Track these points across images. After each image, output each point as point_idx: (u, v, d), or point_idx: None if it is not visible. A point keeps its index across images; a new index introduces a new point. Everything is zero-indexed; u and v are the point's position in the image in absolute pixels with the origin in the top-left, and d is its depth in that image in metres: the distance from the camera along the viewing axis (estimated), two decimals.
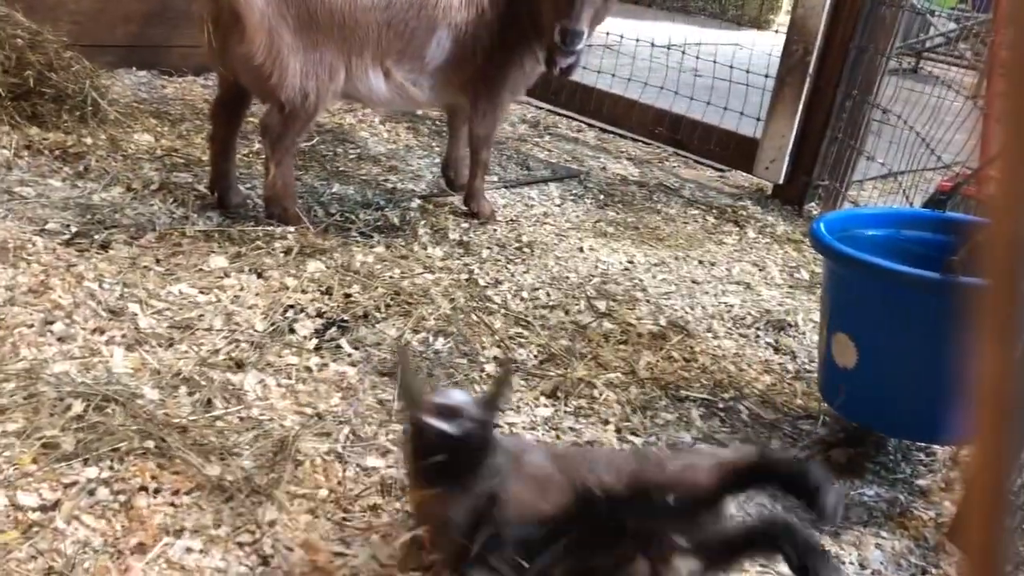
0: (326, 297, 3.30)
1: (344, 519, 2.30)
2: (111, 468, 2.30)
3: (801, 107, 5.09)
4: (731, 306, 3.78)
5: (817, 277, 4.11)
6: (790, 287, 4.07)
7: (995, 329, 0.52)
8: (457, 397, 2.11)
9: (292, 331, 3.06)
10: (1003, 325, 0.50)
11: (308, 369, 2.88)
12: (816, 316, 3.64)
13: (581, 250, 4.14)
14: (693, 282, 3.98)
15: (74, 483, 2.23)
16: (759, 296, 3.92)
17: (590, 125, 6.31)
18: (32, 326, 2.83)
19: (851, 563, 2.39)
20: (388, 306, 3.30)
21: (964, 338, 0.55)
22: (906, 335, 2.55)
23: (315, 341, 3.03)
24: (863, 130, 4.98)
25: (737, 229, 4.73)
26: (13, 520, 2.10)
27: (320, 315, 3.18)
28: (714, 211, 4.94)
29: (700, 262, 4.21)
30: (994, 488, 0.48)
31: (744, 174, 5.55)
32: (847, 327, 2.68)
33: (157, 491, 2.26)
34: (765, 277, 4.15)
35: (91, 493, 2.21)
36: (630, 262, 4.09)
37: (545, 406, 2.89)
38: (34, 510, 2.14)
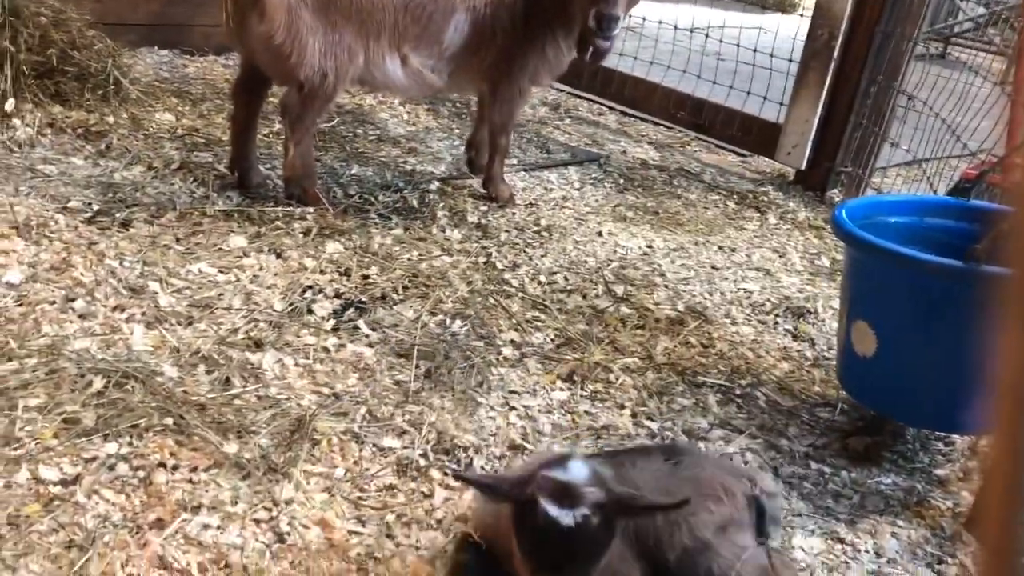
0: (344, 278, 3.31)
1: (360, 498, 2.31)
2: (130, 444, 2.32)
3: (825, 92, 5.03)
4: (750, 292, 3.76)
5: (838, 264, 4.07)
6: (810, 274, 4.04)
7: (1018, 318, 0.51)
8: (577, 471, 1.81)
9: (310, 311, 3.08)
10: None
11: (326, 349, 2.89)
12: (836, 303, 3.61)
13: (600, 234, 4.13)
14: (712, 268, 3.96)
15: (94, 458, 2.26)
16: (779, 283, 3.90)
17: (611, 108, 6.27)
18: (54, 303, 2.86)
19: (867, 551, 2.38)
20: (406, 288, 3.31)
21: (986, 327, 0.54)
22: (927, 324, 2.52)
23: (333, 322, 3.04)
24: (888, 116, 4.92)
25: (758, 215, 4.69)
26: (35, 493, 2.13)
27: (338, 296, 3.19)
28: (735, 196, 4.90)
29: (720, 248, 4.18)
30: (1012, 480, 0.47)
31: (766, 159, 5.51)
32: (867, 315, 2.66)
33: (175, 467, 2.28)
34: (785, 264, 4.12)
35: (111, 468, 2.24)
36: (649, 247, 4.07)
37: (561, 390, 2.89)
38: (55, 484, 2.17)
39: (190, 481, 2.25)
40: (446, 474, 2.42)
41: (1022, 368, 0.49)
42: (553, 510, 1.71)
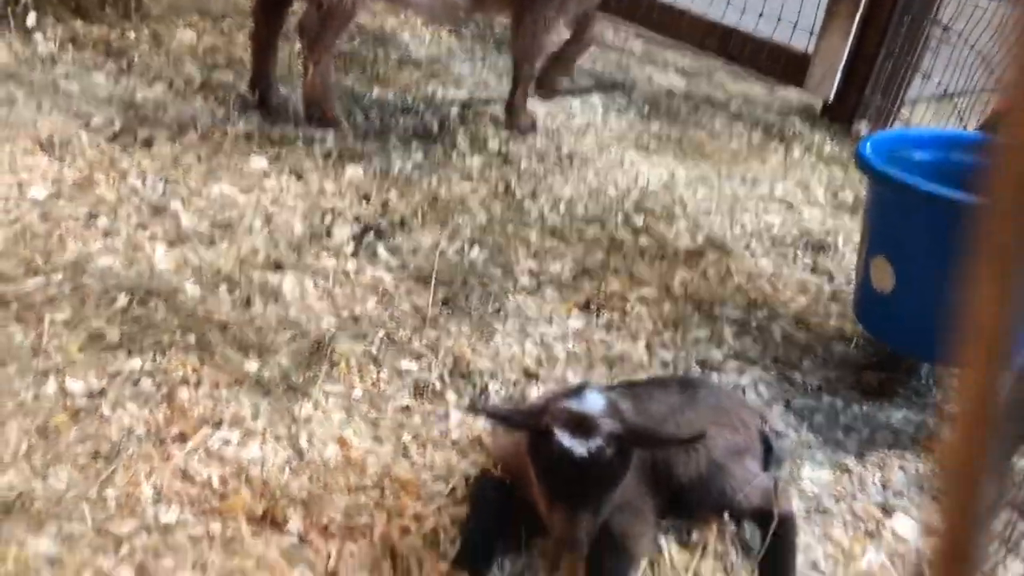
0: (364, 202, 3.32)
1: (377, 418, 2.36)
2: (154, 360, 2.37)
3: (857, 21, 4.90)
4: (771, 225, 3.73)
5: (861, 199, 4.03)
6: (833, 208, 4.01)
7: (993, 252, 0.51)
8: (593, 402, 1.84)
9: (330, 235, 3.09)
10: (1002, 254, 0.49)
11: (345, 273, 2.92)
12: (857, 238, 3.58)
13: (622, 163, 4.09)
14: (734, 199, 3.93)
15: (118, 373, 2.31)
16: (801, 216, 3.87)
17: (637, 35, 6.14)
18: (78, 220, 2.89)
19: (874, 483, 2.41)
20: (425, 214, 3.31)
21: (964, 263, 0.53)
22: (946, 260, 2.50)
23: (352, 246, 3.06)
24: (920, 47, 4.79)
25: (783, 147, 4.63)
26: (62, 405, 2.19)
27: (358, 220, 3.20)
28: (760, 127, 4.83)
29: (743, 179, 4.14)
30: (979, 417, 0.48)
31: (794, 90, 5.40)
32: (887, 251, 2.64)
33: (198, 384, 2.33)
34: (808, 197, 4.08)
35: (135, 383, 2.30)
36: (671, 177, 4.04)
37: (577, 318, 2.91)
38: (81, 397, 2.23)
39: (212, 397, 2.30)
40: (462, 397, 2.47)
41: (995, 307, 0.49)
42: (567, 440, 1.73)
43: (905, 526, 2.27)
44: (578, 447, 1.73)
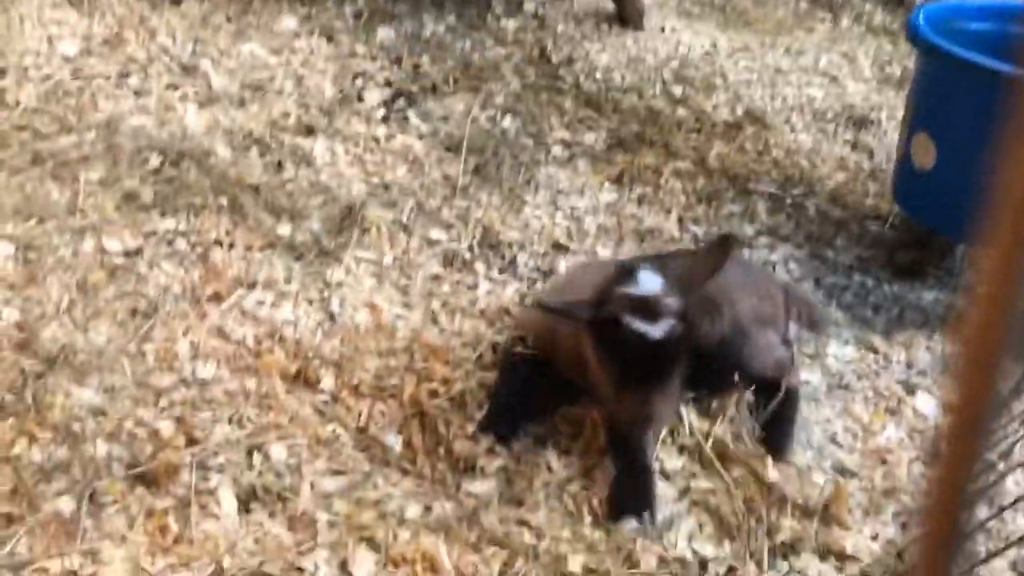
0: (395, 66, 3.26)
1: (407, 285, 2.39)
2: (187, 221, 2.41)
3: None
4: (813, 99, 3.62)
5: (909, 74, 3.88)
6: (879, 82, 3.86)
7: None
8: (649, 283, 1.77)
9: (360, 99, 3.05)
10: None
11: (376, 139, 2.90)
12: (901, 114, 3.47)
13: (662, 30, 3.95)
14: (776, 71, 3.80)
15: (154, 232, 2.35)
16: (844, 90, 3.74)
17: None
18: (109, 78, 2.88)
19: (899, 362, 2.42)
20: (456, 80, 3.25)
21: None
22: (990, 138, 2.42)
23: (383, 111, 3.02)
24: None
25: (831, 16, 4.43)
26: (100, 263, 2.24)
27: (388, 84, 3.15)
28: None
29: (787, 50, 3.99)
30: (1001, 300, 0.47)
31: None
32: (930, 127, 2.56)
33: (231, 246, 2.37)
34: (853, 70, 3.93)
35: (170, 243, 2.34)
36: (713, 46, 3.90)
37: (609, 191, 2.88)
38: (119, 255, 2.27)
39: (245, 259, 2.34)
40: (491, 268, 2.49)
41: None
42: (639, 325, 1.70)
43: (927, 404, 2.29)
44: (653, 331, 1.71)
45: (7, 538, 1.61)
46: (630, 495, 1.85)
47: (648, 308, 1.73)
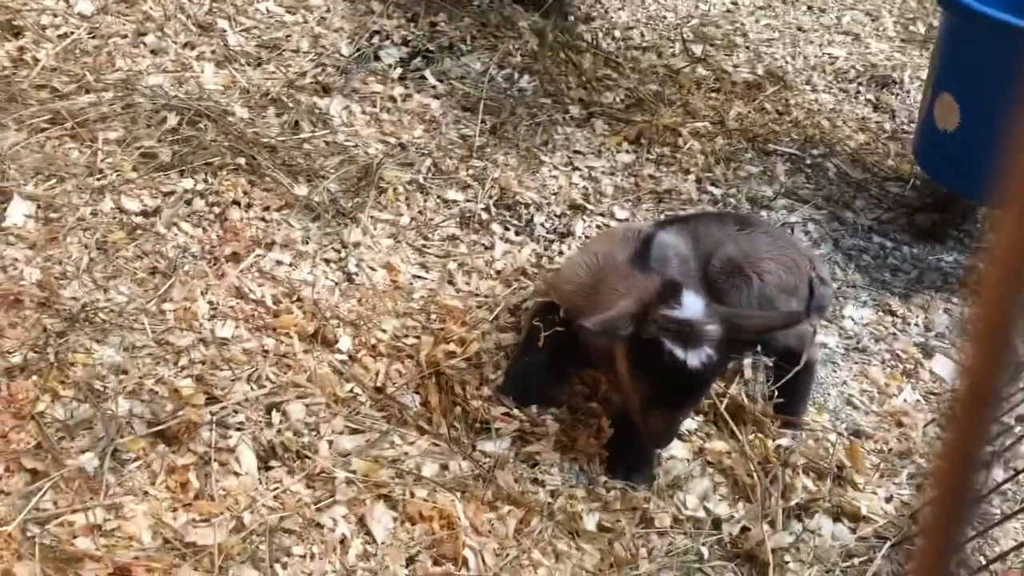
0: (411, 24, 3.23)
1: (424, 246, 2.40)
2: (205, 181, 2.41)
3: None
4: (835, 58, 3.57)
5: (933, 32, 3.81)
6: (902, 41, 3.80)
7: None
8: (692, 306, 1.76)
9: (377, 58, 3.03)
10: None
11: (392, 99, 2.88)
12: (925, 74, 3.42)
13: None
14: (799, 29, 3.74)
15: (172, 192, 2.36)
16: (867, 49, 3.68)
17: None
18: (126, 36, 2.87)
19: (916, 324, 2.42)
20: (474, 38, 3.22)
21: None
22: (1015, 99, 2.38)
23: (400, 70, 3.00)
24: None
25: None
26: (119, 222, 2.25)
27: (405, 43, 3.13)
28: None
29: (809, 7, 3.93)
30: (1015, 261, 0.47)
31: None
32: (954, 87, 2.52)
33: (249, 206, 2.37)
34: (877, 28, 3.87)
35: (188, 203, 2.34)
36: (734, 3, 3.84)
37: (627, 152, 2.86)
38: (137, 215, 2.29)
39: (263, 219, 2.35)
40: (507, 229, 2.49)
41: None
42: (680, 352, 1.70)
43: (944, 367, 2.28)
44: (692, 359, 1.71)
45: (32, 493, 1.64)
46: (630, 457, 1.88)
47: (689, 334, 1.72)
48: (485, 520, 1.72)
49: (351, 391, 1.95)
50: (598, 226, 2.55)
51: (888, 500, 1.89)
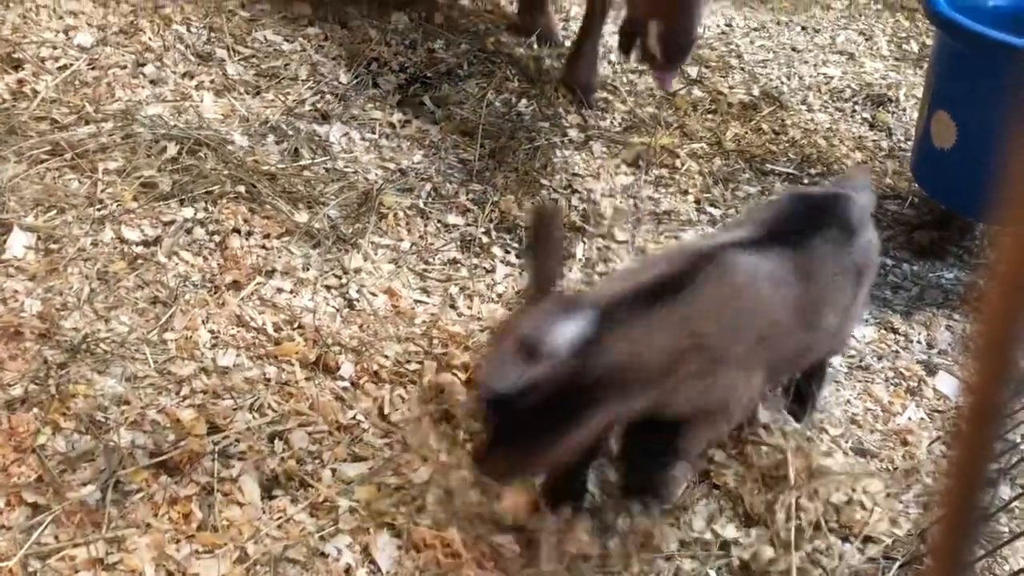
0: (409, 51, 3.25)
1: (425, 270, 2.40)
2: (206, 210, 2.42)
3: None
4: (830, 77, 3.59)
5: (927, 51, 3.83)
6: (896, 60, 3.82)
7: None
8: (560, 329, 1.46)
9: (376, 85, 3.05)
10: None
11: (391, 125, 2.90)
12: (920, 92, 3.44)
13: None
14: (793, 50, 3.76)
15: (172, 221, 2.36)
16: (861, 68, 3.70)
17: None
18: (125, 67, 2.89)
19: (919, 342, 2.41)
20: (471, 64, 3.24)
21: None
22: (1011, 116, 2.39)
23: (398, 96, 3.02)
24: None
25: None
26: (120, 252, 2.25)
27: (403, 70, 3.15)
28: None
29: (803, 28, 3.96)
30: (1017, 280, 0.47)
31: None
32: (950, 105, 2.53)
33: (249, 234, 2.38)
34: (871, 48, 3.89)
35: (188, 232, 2.35)
36: (728, 25, 3.87)
37: (625, 174, 2.87)
38: (138, 244, 2.29)
39: (263, 247, 2.35)
40: (508, 252, 2.49)
41: None
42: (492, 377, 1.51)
43: (947, 384, 2.28)
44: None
45: (34, 527, 1.63)
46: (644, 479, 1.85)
47: (532, 350, 1.50)
48: (489, 547, 1.71)
49: (353, 418, 1.94)
50: (598, 248, 2.55)
51: (895, 520, 1.88)
